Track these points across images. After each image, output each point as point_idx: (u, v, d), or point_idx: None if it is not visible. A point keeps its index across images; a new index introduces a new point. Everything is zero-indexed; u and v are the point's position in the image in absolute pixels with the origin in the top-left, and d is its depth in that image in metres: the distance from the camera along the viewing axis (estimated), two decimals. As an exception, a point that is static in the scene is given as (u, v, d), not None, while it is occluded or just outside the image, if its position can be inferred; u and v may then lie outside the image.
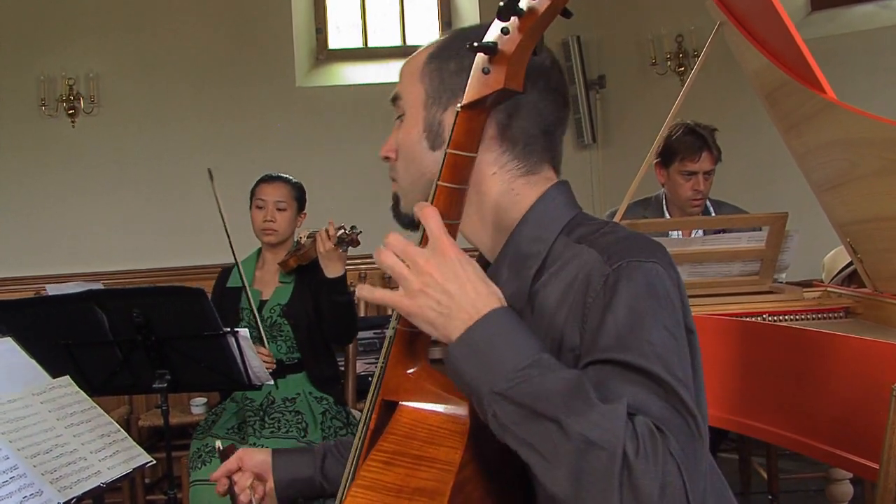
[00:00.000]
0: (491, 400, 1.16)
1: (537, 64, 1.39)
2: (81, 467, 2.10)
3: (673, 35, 6.55)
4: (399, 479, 1.24)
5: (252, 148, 6.42)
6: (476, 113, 1.27)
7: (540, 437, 1.13)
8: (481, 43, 1.24)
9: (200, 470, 3.33)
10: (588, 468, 1.09)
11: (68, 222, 6.42)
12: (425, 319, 1.21)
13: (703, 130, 3.87)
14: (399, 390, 1.34)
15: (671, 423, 1.14)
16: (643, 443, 1.09)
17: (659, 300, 1.24)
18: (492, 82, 1.24)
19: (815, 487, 4.41)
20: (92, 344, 3.14)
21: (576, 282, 1.29)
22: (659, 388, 1.17)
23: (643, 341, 1.20)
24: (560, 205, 1.43)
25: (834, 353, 2.47)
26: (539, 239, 1.39)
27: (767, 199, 5.31)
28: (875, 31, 6.18)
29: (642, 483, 1.07)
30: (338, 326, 3.61)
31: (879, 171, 2.63)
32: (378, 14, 7.25)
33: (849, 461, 2.37)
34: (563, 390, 1.13)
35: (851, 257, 3.16)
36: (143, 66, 6.53)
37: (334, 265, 3.46)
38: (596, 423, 1.10)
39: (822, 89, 2.71)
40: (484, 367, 1.17)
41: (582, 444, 1.09)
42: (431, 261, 1.20)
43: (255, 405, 3.57)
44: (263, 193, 3.75)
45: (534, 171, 1.44)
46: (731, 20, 3.06)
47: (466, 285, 1.20)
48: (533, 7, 1.21)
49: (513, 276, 1.38)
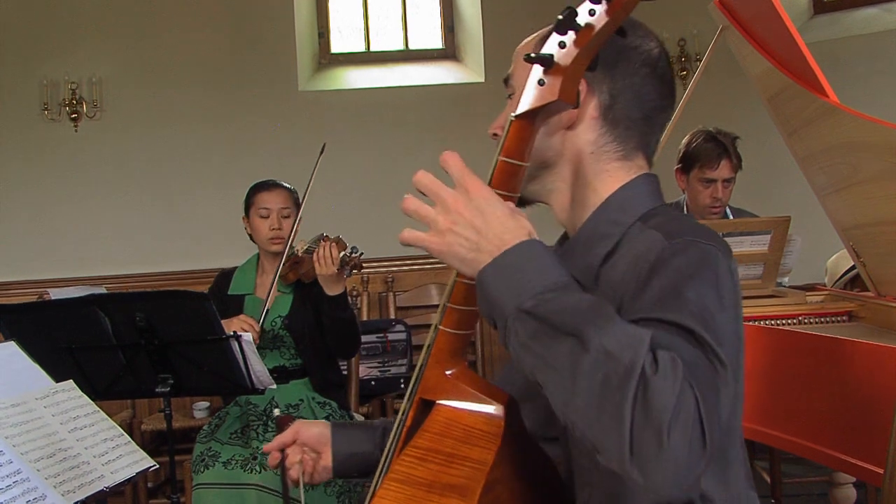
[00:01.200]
0: (515, 317, 1.17)
1: (643, 50, 1.45)
2: (85, 471, 2.09)
3: (675, 39, 6.56)
4: (431, 474, 1.26)
5: (255, 152, 6.43)
6: (529, 122, 1.28)
7: (559, 353, 1.13)
8: (538, 54, 1.25)
9: (203, 474, 3.33)
10: (604, 379, 1.08)
11: (71, 226, 6.43)
12: (456, 256, 1.24)
13: (723, 138, 3.87)
14: (437, 389, 1.36)
15: (697, 364, 1.12)
16: (663, 364, 1.07)
17: (707, 271, 1.25)
18: (546, 94, 1.26)
19: (819, 491, 4.41)
20: (95, 348, 3.14)
21: (637, 260, 1.32)
22: (690, 338, 1.16)
23: (683, 300, 1.20)
24: (644, 193, 1.46)
25: (838, 357, 2.47)
26: (616, 222, 1.42)
27: (770, 203, 5.31)
28: (877, 35, 6.18)
29: (657, 399, 1.05)
30: (341, 341, 3.61)
31: (882, 175, 2.64)
32: (380, 18, 7.25)
33: (853, 466, 2.37)
34: (586, 307, 1.14)
35: (854, 261, 3.16)
36: (145, 70, 6.54)
37: (335, 286, 3.47)
38: (616, 337, 1.10)
39: (824, 93, 2.71)
40: (511, 286, 1.19)
41: (600, 356, 1.09)
42: (458, 198, 1.23)
43: (259, 410, 3.57)
44: (266, 202, 3.71)
45: (629, 157, 1.47)
46: (734, 24, 3.06)
47: (492, 220, 1.21)
48: (590, 23, 1.23)
49: (584, 252, 1.43)
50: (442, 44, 7.18)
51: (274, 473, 3.25)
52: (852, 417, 2.40)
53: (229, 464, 3.31)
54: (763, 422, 2.70)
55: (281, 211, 3.70)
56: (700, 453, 1.06)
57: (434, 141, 6.41)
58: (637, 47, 1.45)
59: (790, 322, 3.03)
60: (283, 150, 6.43)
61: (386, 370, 5.13)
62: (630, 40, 1.43)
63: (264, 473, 3.24)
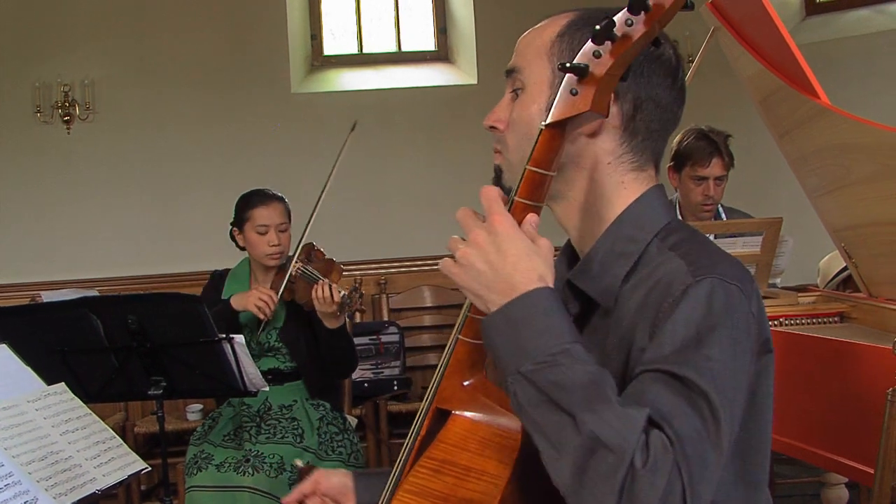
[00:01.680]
0: (514, 378, 1.17)
1: (666, 59, 1.42)
2: (77, 474, 2.09)
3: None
4: (447, 487, 1.25)
5: (248, 154, 6.42)
6: (559, 132, 1.27)
7: (553, 426, 1.13)
8: (573, 64, 1.23)
9: (196, 476, 3.33)
10: (593, 466, 1.09)
11: (63, 229, 6.41)
12: (470, 290, 1.25)
13: (715, 136, 3.87)
14: (453, 400, 1.34)
15: (695, 438, 1.14)
16: (654, 455, 1.08)
17: (732, 321, 1.24)
18: (579, 104, 1.24)
19: (812, 492, 4.41)
20: (87, 351, 3.13)
21: (658, 286, 1.30)
22: (702, 404, 1.16)
23: (702, 356, 1.19)
24: (658, 207, 1.44)
25: (829, 358, 2.47)
26: (634, 239, 1.39)
27: (763, 204, 5.31)
28: (869, 36, 6.19)
29: (643, 495, 1.07)
30: (336, 366, 3.64)
31: (873, 176, 2.64)
32: (373, 20, 7.25)
33: (844, 466, 2.38)
34: (585, 384, 1.13)
35: (846, 262, 3.17)
36: (138, 72, 6.53)
37: (333, 321, 3.45)
38: (609, 424, 1.10)
39: (815, 94, 2.72)
40: (515, 343, 1.19)
41: (591, 442, 1.09)
42: (481, 233, 1.23)
43: (252, 411, 3.57)
44: (263, 219, 3.62)
45: (643, 168, 1.45)
46: (726, 26, 3.07)
47: (507, 259, 1.21)
48: (627, 34, 1.21)
49: (603, 272, 1.39)
50: (434, 46, 7.17)
51: (266, 476, 3.25)
52: (843, 418, 2.40)
53: (222, 466, 3.31)
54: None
55: (279, 226, 3.63)
56: None
57: (427, 143, 6.42)
58: (661, 56, 1.42)
59: (782, 323, 3.03)
60: (277, 151, 6.42)
61: (379, 372, 5.13)
62: (653, 49, 1.39)
63: (257, 476, 3.24)
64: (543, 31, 1.47)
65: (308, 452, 3.40)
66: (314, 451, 3.41)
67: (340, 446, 3.49)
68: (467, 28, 6.86)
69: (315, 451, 3.41)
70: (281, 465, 3.30)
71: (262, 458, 3.30)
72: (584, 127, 1.39)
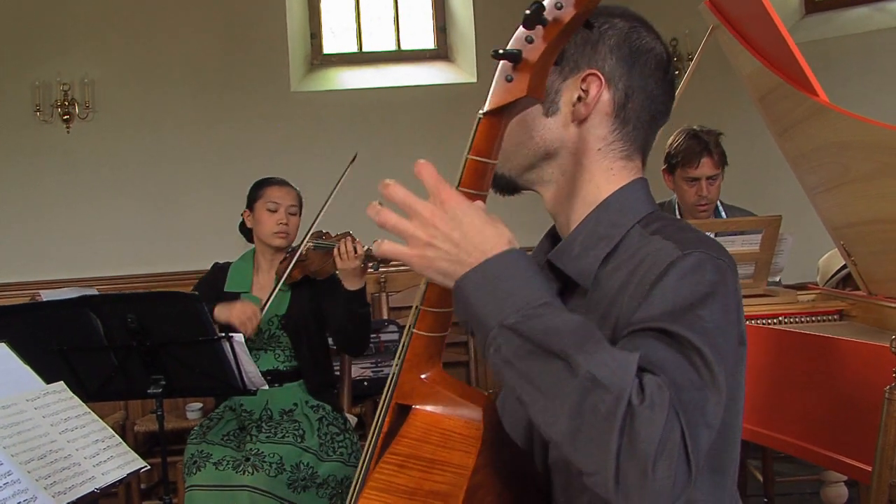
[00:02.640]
0: (498, 332, 1.16)
1: (658, 52, 1.44)
2: (76, 473, 2.09)
3: (668, 38, 6.54)
4: (412, 481, 1.25)
5: (247, 153, 6.43)
6: (497, 120, 1.27)
7: (544, 373, 1.12)
8: (506, 51, 1.24)
9: (195, 475, 3.32)
10: (590, 407, 1.08)
11: (63, 228, 6.42)
12: (437, 270, 1.22)
13: (705, 135, 3.86)
14: (413, 394, 1.34)
15: (689, 388, 1.13)
16: (650, 394, 1.07)
17: (719, 289, 1.24)
18: (515, 90, 1.25)
19: (811, 490, 4.41)
20: (87, 349, 3.14)
21: (642, 265, 1.30)
22: (695, 358, 1.16)
23: (695, 316, 1.20)
24: (642, 197, 1.45)
25: (828, 356, 2.47)
26: (617, 224, 1.41)
27: (762, 202, 5.31)
28: (869, 34, 6.20)
29: (644, 431, 1.06)
30: (355, 337, 3.60)
31: (872, 174, 2.64)
32: (373, 19, 7.26)
33: (843, 464, 2.37)
34: (575, 329, 1.13)
35: (845, 260, 3.16)
36: (137, 71, 6.54)
37: (357, 280, 3.45)
38: (605, 364, 1.09)
39: (814, 92, 2.71)
40: (494, 298, 1.17)
41: (588, 383, 1.08)
42: (434, 211, 1.21)
43: (254, 418, 3.56)
44: (276, 196, 3.68)
45: (631, 157, 1.46)
46: (724, 24, 3.06)
47: (471, 230, 1.20)
48: (558, 17, 1.22)
49: (583, 253, 1.40)
50: (434, 44, 7.19)
51: (266, 475, 3.25)
52: (842, 416, 2.40)
53: (220, 464, 3.30)
54: (754, 421, 2.70)
55: (289, 208, 3.68)
56: (684, 482, 1.08)
57: (426, 141, 6.42)
58: (652, 49, 1.44)
59: (781, 321, 3.03)
60: (276, 150, 6.43)
61: (379, 371, 5.13)
62: (647, 41, 1.43)
63: (256, 475, 3.23)
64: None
65: (309, 453, 3.39)
66: (315, 451, 3.41)
67: (341, 447, 3.49)
68: (467, 26, 6.87)
69: (315, 451, 3.41)
70: (280, 464, 3.30)
71: (261, 457, 3.30)
72: (573, 112, 1.41)
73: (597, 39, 1.40)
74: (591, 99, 1.40)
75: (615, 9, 1.45)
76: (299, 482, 3.31)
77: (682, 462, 1.07)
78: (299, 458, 3.36)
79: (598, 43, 1.41)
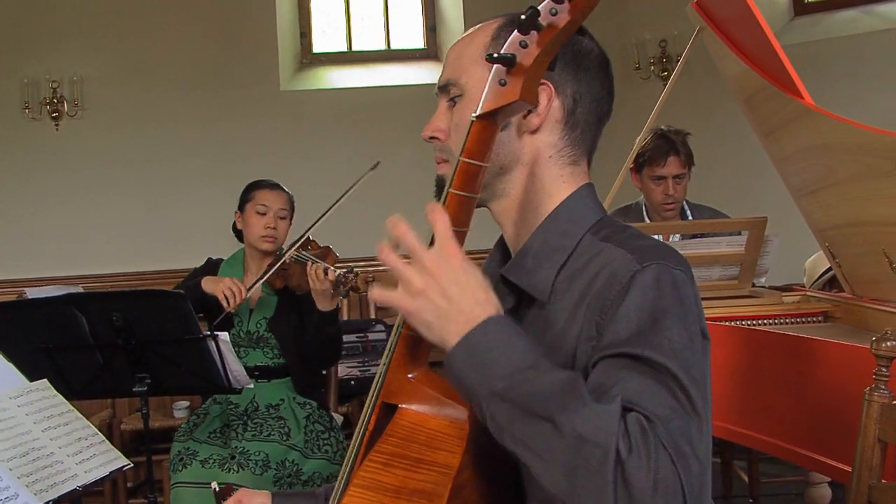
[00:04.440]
0: (489, 401, 1.18)
1: (597, 53, 1.46)
2: (58, 471, 2.09)
3: (657, 40, 6.58)
4: (397, 480, 1.25)
5: (236, 151, 6.42)
6: (490, 123, 1.29)
7: (535, 437, 1.14)
8: (500, 54, 1.25)
9: (181, 473, 3.32)
10: (582, 464, 1.10)
11: (50, 226, 6.41)
12: (422, 321, 1.23)
13: (672, 135, 3.91)
14: (400, 393, 1.35)
15: (672, 418, 1.15)
16: (635, 440, 1.10)
17: (683, 304, 1.26)
18: (508, 94, 1.26)
19: (796, 491, 4.42)
20: (72, 347, 3.13)
21: (599, 276, 1.31)
22: (670, 382, 1.18)
23: (662, 337, 1.21)
24: (590, 204, 1.47)
25: (810, 357, 2.48)
26: (568, 234, 1.42)
27: (749, 203, 5.32)
28: (857, 37, 6.22)
29: (635, 479, 1.08)
30: (321, 353, 3.61)
31: (856, 176, 2.65)
32: (362, 18, 7.26)
33: (824, 465, 2.38)
34: (558, 389, 1.15)
35: (830, 262, 3.18)
36: (127, 69, 6.53)
37: (327, 302, 3.45)
38: (589, 420, 1.11)
39: (799, 94, 2.72)
40: (482, 369, 1.19)
41: (575, 441, 1.10)
42: (437, 263, 1.21)
43: (239, 411, 3.56)
44: (266, 199, 3.67)
45: (578, 162, 1.48)
46: (710, 25, 3.08)
47: (467, 292, 1.21)
48: (552, 23, 1.23)
49: (536, 266, 1.41)
50: (424, 44, 7.19)
51: (252, 473, 3.25)
52: (823, 417, 2.41)
53: (207, 462, 3.30)
54: (738, 422, 2.71)
55: (279, 212, 3.67)
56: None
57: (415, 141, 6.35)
58: (592, 50, 1.46)
59: (766, 322, 3.04)
60: (266, 149, 6.43)
61: (366, 370, 5.12)
62: (585, 44, 1.45)
63: (242, 473, 3.24)
64: (474, 38, 1.51)
65: (294, 450, 3.40)
66: (300, 449, 3.42)
67: (326, 444, 3.50)
68: (456, 26, 6.87)
69: (301, 449, 3.42)
70: (266, 462, 3.30)
71: (247, 455, 3.30)
72: (529, 122, 1.42)
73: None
74: (543, 109, 1.42)
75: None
76: (285, 479, 3.31)
77: (678, 492, 1.11)
78: (285, 455, 3.37)
79: None
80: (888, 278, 2.72)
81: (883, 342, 1.94)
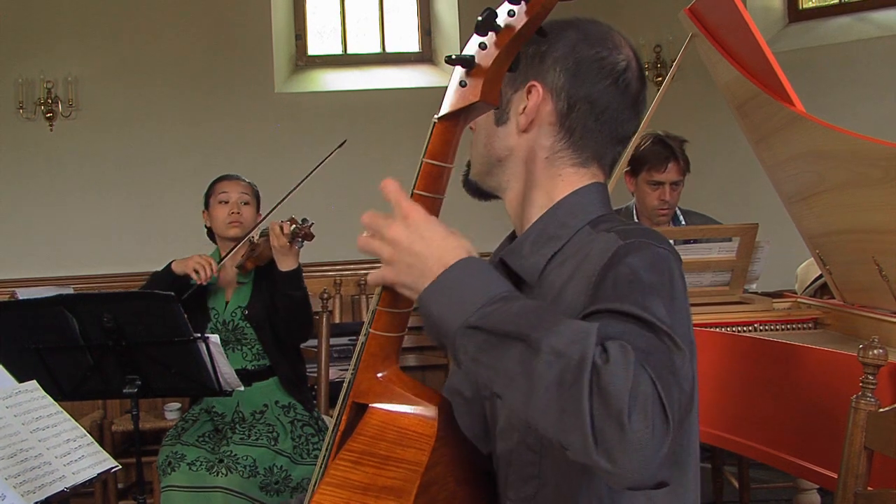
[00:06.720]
0: (461, 334, 1.18)
1: (609, 62, 1.46)
2: (46, 472, 2.09)
3: (651, 45, 6.59)
4: (367, 477, 1.27)
5: (230, 153, 6.42)
6: (452, 124, 1.30)
7: (509, 360, 1.14)
8: (458, 56, 1.27)
9: (170, 476, 3.31)
10: (558, 377, 1.09)
11: (44, 226, 6.40)
12: (403, 284, 1.27)
13: (671, 141, 3.91)
14: (369, 393, 1.36)
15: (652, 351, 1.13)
16: (613, 353, 1.08)
17: (662, 277, 1.26)
18: (468, 95, 1.27)
19: (786, 497, 4.43)
20: (62, 349, 3.12)
21: (589, 257, 1.34)
22: (646, 327, 1.16)
23: (638, 291, 1.21)
24: (594, 200, 1.48)
25: (798, 364, 2.49)
26: (566, 225, 1.45)
27: (741, 210, 5.34)
28: (851, 44, 6.24)
29: (612, 387, 1.06)
30: (292, 322, 3.59)
31: (847, 184, 2.66)
32: (358, 21, 7.26)
33: (811, 471, 2.39)
34: (530, 311, 1.16)
35: (821, 269, 3.18)
36: (121, 70, 6.52)
37: (288, 259, 3.47)
38: (564, 335, 1.11)
39: (790, 102, 2.73)
40: (454, 304, 1.20)
41: (550, 356, 1.10)
42: (396, 227, 1.25)
43: (225, 421, 3.56)
44: (226, 188, 3.73)
45: (584, 165, 1.49)
46: (703, 32, 3.08)
47: (432, 243, 1.24)
48: (510, 24, 1.24)
49: (532, 252, 1.45)
50: (419, 47, 7.19)
51: (240, 476, 3.25)
52: (810, 424, 2.42)
53: (194, 465, 3.29)
54: (727, 428, 2.72)
55: (241, 196, 3.72)
56: (663, 432, 1.07)
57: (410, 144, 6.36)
58: (602, 59, 1.45)
59: (757, 329, 3.05)
60: (259, 151, 6.43)
61: (357, 373, 5.12)
62: (596, 51, 1.45)
63: (230, 476, 3.23)
64: None
65: (282, 456, 3.39)
66: (289, 454, 3.41)
67: (316, 449, 3.48)
68: (452, 30, 6.88)
69: (290, 454, 3.41)
70: (254, 466, 3.29)
71: (235, 459, 3.30)
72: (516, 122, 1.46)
73: (545, 52, 1.43)
74: (530, 110, 1.44)
75: (572, 21, 1.48)
76: (272, 486, 3.30)
77: (658, 411, 1.07)
78: (273, 461, 3.36)
79: (546, 55, 1.44)
80: (878, 286, 2.73)
81: (870, 350, 1.95)
